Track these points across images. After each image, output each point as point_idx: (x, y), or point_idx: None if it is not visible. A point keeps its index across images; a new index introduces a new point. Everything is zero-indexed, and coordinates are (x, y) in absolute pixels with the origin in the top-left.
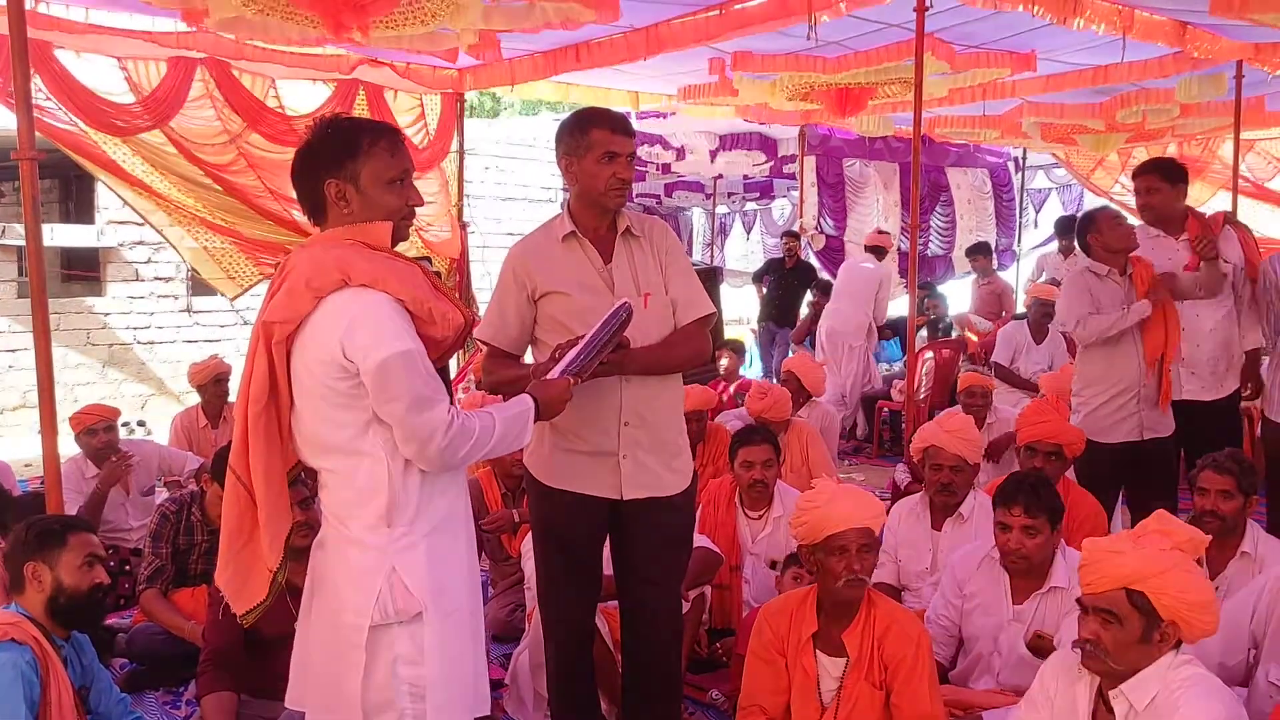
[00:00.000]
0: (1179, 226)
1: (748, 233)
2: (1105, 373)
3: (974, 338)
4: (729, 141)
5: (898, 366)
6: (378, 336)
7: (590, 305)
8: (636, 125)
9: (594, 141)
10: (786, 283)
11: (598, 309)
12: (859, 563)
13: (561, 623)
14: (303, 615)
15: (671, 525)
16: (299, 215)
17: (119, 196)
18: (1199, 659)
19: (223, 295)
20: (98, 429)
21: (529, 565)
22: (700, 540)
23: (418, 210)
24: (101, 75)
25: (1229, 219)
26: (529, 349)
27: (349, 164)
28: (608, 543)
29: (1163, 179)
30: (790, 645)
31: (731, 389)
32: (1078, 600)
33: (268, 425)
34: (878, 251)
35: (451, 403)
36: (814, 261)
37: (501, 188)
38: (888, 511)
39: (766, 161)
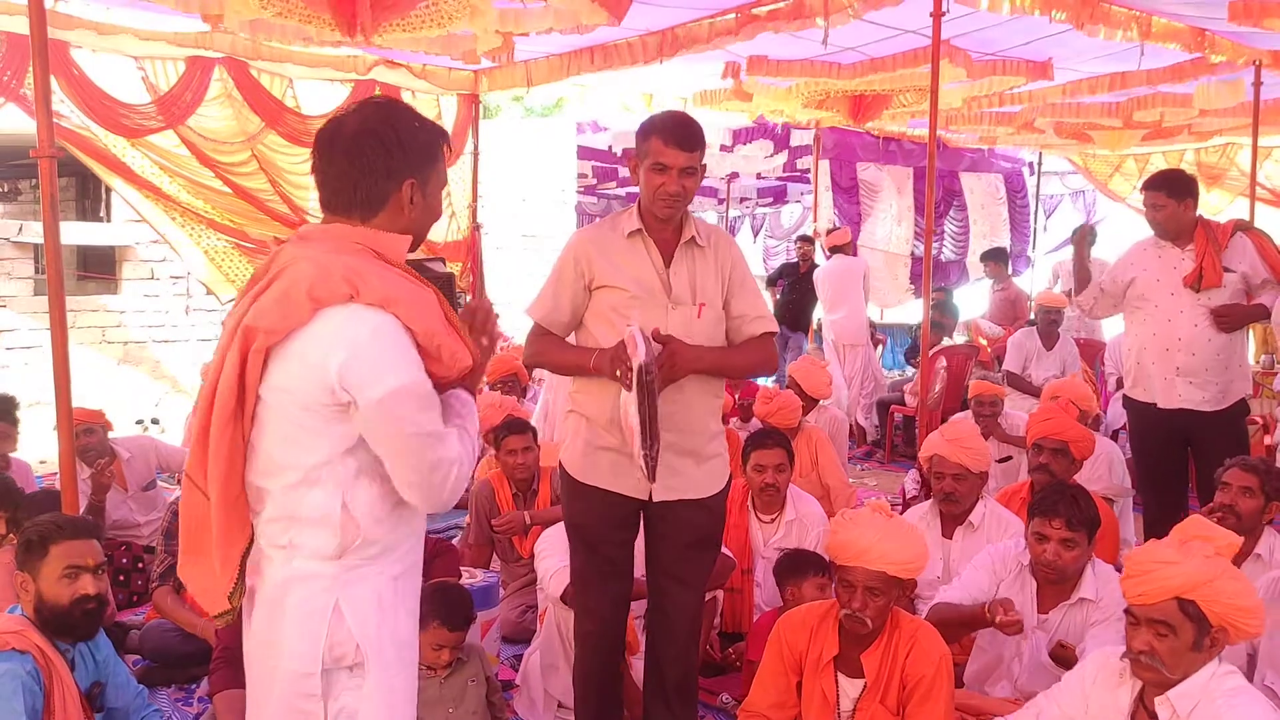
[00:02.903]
0: (1188, 237)
1: (755, 236)
2: None
3: (984, 342)
4: (742, 135)
5: (909, 370)
6: (382, 365)
7: (644, 304)
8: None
9: (650, 150)
10: (800, 287)
11: (650, 309)
12: (859, 602)
13: (590, 618)
14: (253, 662)
15: (701, 526)
16: (309, 218)
17: (123, 199)
18: None
19: (214, 296)
20: (78, 432)
21: (541, 566)
22: None
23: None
24: (117, 75)
25: (1240, 226)
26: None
27: (427, 167)
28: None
29: (1169, 195)
30: (809, 663)
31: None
32: (1126, 610)
33: (233, 437)
34: (845, 249)
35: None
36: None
37: (517, 189)
38: None
39: (778, 152)
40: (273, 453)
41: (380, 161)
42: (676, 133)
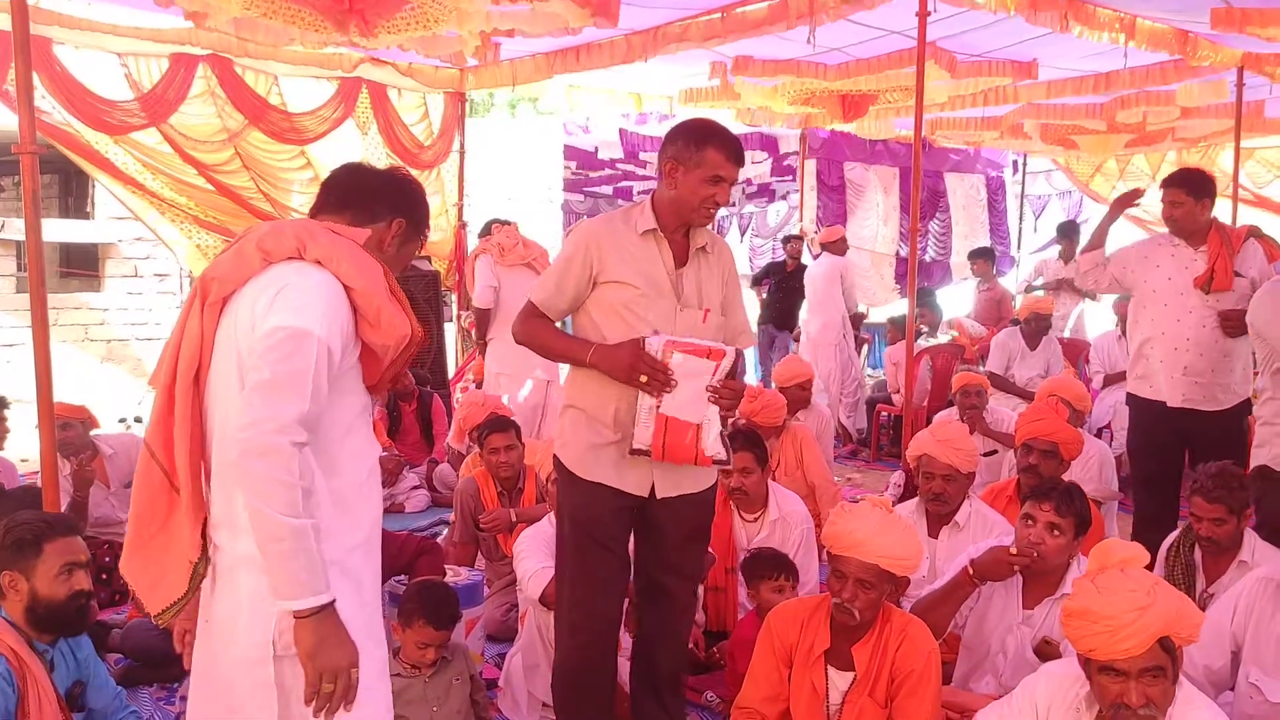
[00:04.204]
0: (1201, 238)
1: (742, 235)
2: None
3: (968, 341)
4: None
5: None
6: (297, 305)
7: (653, 303)
8: (637, 128)
9: (706, 160)
10: (788, 285)
11: (660, 308)
12: (849, 592)
13: (593, 615)
14: (198, 650)
15: (699, 519)
16: (293, 214)
17: (112, 194)
18: (1185, 666)
19: None
20: (58, 427)
21: (520, 567)
22: None
23: None
24: (101, 72)
25: (1254, 232)
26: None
27: (415, 230)
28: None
29: (1188, 194)
30: (799, 656)
31: None
32: (1104, 668)
33: (196, 400)
34: (832, 247)
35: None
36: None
37: (503, 187)
38: None
39: (767, 159)
40: (221, 421)
41: (389, 191)
42: (734, 148)
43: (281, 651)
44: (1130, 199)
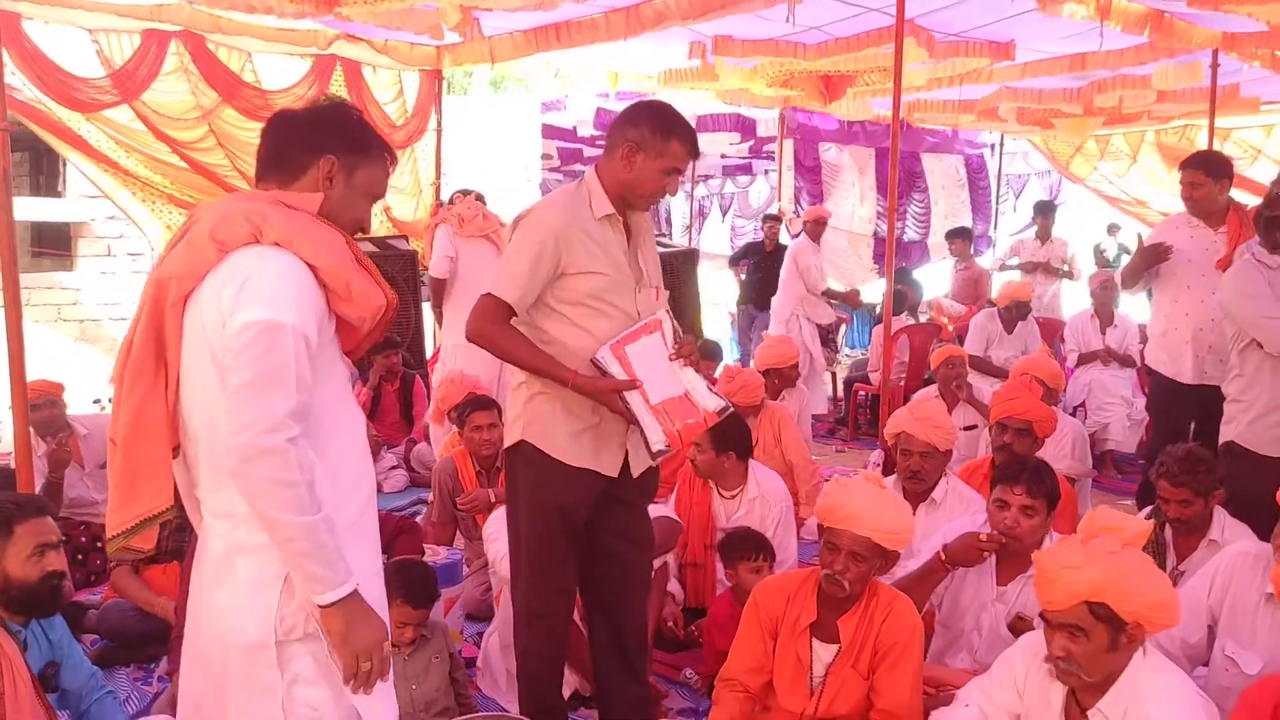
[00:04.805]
0: (1220, 219)
1: (724, 215)
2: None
3: (946, 320)
4: (706, 123)
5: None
6: (265, 297)
7: (619, 289)
8: (615, 105)
9: (669, 151)
10: (766, 266)
11: (625, 292)
12: (841, 565)
13: (558, 596)
14: (190, 637)
15: (655, 488)
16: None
17: (83, 174)
18: (1161, 639)
19: None
20: (40, 404)
21: (492, 548)
22: (662, 510)
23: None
24: (72, 48)
25: None
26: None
27: (354, 155)
28: None
29: (1206, 175)
30: (785, 628)
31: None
32: (1041, 615)
33: (148, 395)
34: (806, 228)
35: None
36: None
37: (481, 166)
38: None
39: (744, 142)
40: (206, 417)
41: (302, 133)
42: (695, 141)
43: (283, 637)
44: (1160, 253)
